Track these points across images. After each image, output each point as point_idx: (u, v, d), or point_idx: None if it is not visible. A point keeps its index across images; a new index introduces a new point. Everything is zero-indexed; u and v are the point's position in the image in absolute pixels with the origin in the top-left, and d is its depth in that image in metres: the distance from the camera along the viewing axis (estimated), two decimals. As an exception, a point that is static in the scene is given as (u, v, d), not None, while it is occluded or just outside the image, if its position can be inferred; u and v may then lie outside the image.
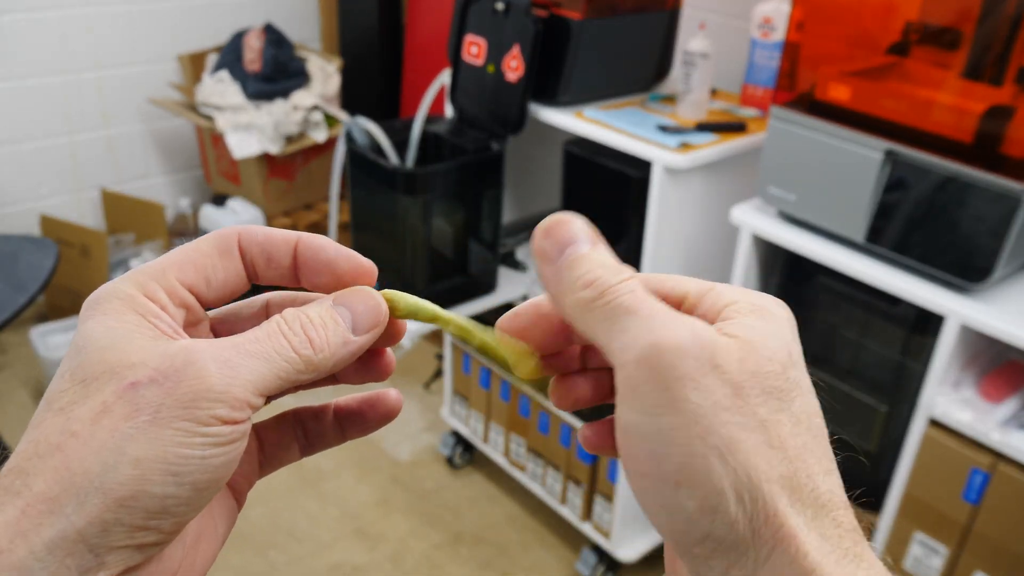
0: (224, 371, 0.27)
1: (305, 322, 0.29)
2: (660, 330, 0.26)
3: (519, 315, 0.32)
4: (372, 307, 0.31)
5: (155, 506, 0.25)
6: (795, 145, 1.36)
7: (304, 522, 2.02)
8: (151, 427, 0.25)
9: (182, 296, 0.30)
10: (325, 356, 0.29)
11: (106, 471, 0.25)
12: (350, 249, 0.32)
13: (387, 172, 1.64)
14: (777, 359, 0.27)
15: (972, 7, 1.17)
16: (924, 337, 1.31)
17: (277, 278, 0.32)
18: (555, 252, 0.29)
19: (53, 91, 2.53)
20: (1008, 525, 1.23)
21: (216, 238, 0.31)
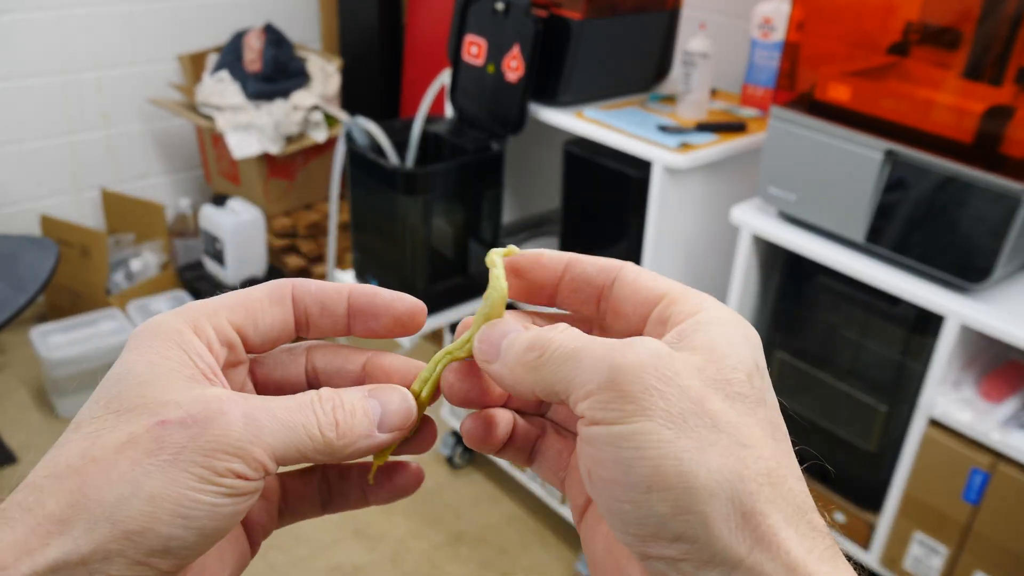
0: (250, 429, 0.27)
1: (337, 405, 0.30)
2: (616, 355, 0.27)
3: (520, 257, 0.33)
4: (403, 408, 0.32)
5: (159, 545, 0.26)
6: (795, 145, 1.36)
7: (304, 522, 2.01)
8: (170, 467, 0.26)
9: (229, 336, 0.31)
10: (346, 443, 0.30)
11: (120, 502, 0.26)
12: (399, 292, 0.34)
13: (387, 172, 1.64)
14: (742, 368, 0.27)
15: (972, 7, 1.17)
16: (924, 337, 1.31)
17: (330, 328, 0.33)
18: (493, 351, 0.31)
19: (53, 91, 2.53)
20: (1008, 525, 1.23)
21: (270, 286, 0.32)
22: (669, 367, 0.26)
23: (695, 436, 0.25)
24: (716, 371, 0.27)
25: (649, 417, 0.25)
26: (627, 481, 0.25)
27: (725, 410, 0.26)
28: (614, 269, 0.32)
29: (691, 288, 0.31)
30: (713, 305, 0.30)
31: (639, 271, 0.32)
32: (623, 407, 0.26)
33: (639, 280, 0.31)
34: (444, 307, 1.72)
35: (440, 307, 1.72)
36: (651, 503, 0.25)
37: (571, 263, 0.33)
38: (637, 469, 0.25)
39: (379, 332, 0.33)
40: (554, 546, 1.99)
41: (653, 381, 0.26)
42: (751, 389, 0.27)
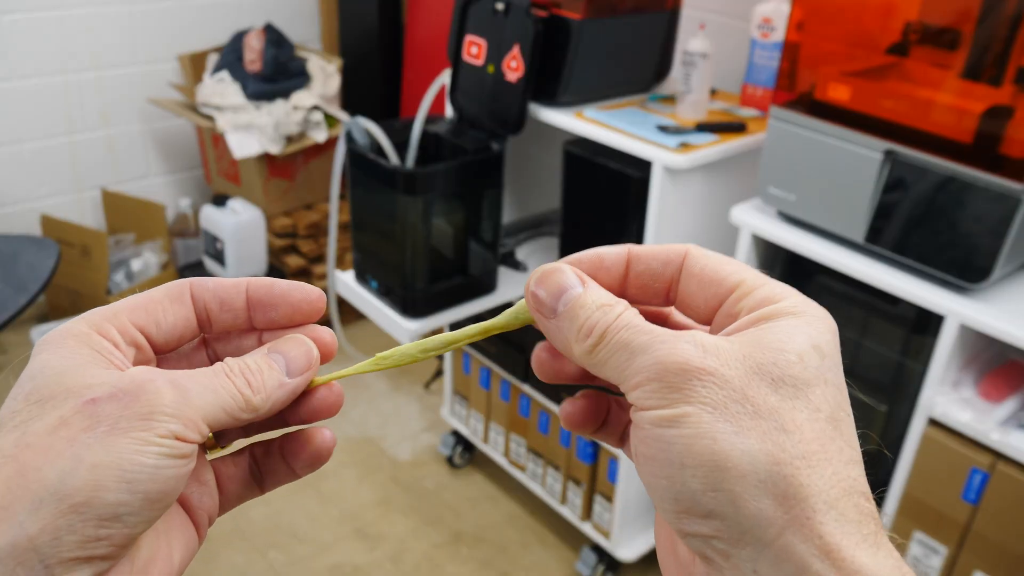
0: (178, 393, 0.28)
1: (243, 367, 0.31)
2: (664, 351, 0.28)
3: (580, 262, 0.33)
4: (304, 352, 0.33)
5: (107, 513, 0.26)
6: (795, 145, 1.36)
7: (304, 522, 2.02)
8: (108, 436, 0.27)
9: (133, 335, 0.32)
10: (262, 397, 0.31)
11: (63, 477, 0.26)
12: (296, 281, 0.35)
13: (387, 172, 1.64)
14: (792, 349, 0.28)
15: (972, 7, 1.17)
16: (924, 337, 1.31)
17: (230, 322, 0.34)
18: (551, 305, 0.31)
19: (53, 91, 2.53)
20: (1008, 525, 1.23)
21: (168, 287, 0.34)
22: (715, 357, 0.27)
23: (734, 421, 0.26)
24: (762, 356, 0.28)
25: (691, 403, 0.27)
26: (665, 458, 0.27)
27: (768, 396, 0.27)
28: (678, 258, 0.32)
29: (763, 276, 0.31)
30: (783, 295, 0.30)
31: (706, 258, 0.32)
32: (669, 395, 0.27)
33: (707, 270, 0.31)
34: (444, 307, 1.72)
35: (440, 307, 1.72)
36: (684, 479, 0.26)
37: (632, 259, 0.33)
38: (674, 446, 0.27)
39: (279, 322, 0.34)
40: (554, 546, 1.99)
41: (697, 373, 0.27)
42: (802, 370, 0.28)
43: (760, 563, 0.26)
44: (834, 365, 0.29)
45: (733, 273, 0.31)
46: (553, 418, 1.88)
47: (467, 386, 2.10)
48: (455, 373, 2.13)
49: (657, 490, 0.27)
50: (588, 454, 1.82)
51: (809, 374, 0.28)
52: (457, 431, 2.20)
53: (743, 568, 0.26)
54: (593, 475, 1.84)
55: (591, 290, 0.31)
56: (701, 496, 0.26)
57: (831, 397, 0.28)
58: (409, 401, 2.44)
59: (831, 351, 0.29)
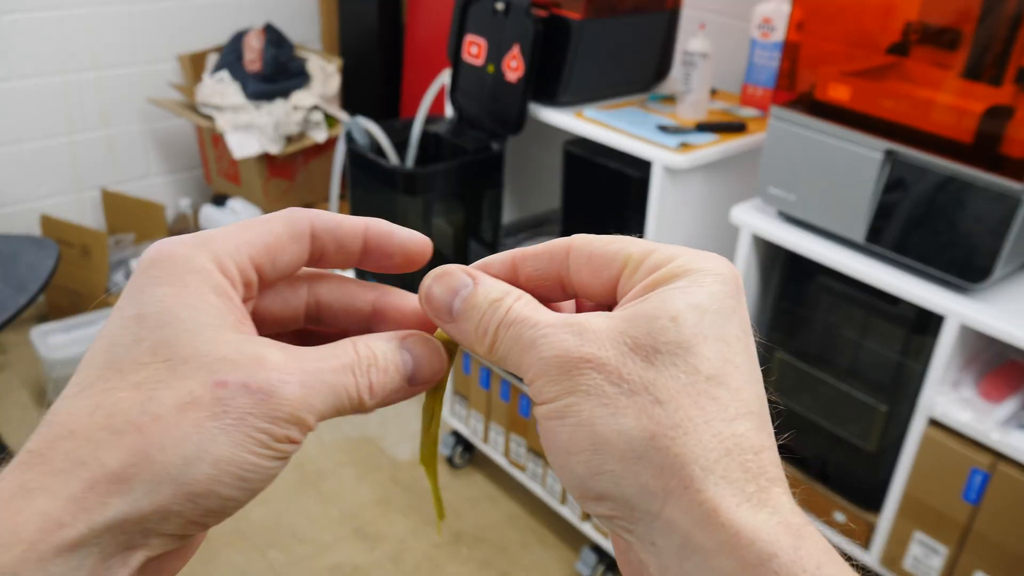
0: (306, 397, 0.28)
1: (372, 363, 0.30)
2: (546, 346, 0.28)
3: (492, 264, 0.34)
4: (435, 362, 0.32)
5: (217, 506, 0.26)
6: (795, 145, 1.36)
7: (304, 522, 2.02)
8: (234, 431, 0.26)
9: (249, 276, 0.30)
10: (376, 402, 0.31)
11: (186, 465, 0.26)
12: (410, 229, 0.34)
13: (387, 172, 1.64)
14: (665, 315, 0.28)
15: (972, 7, 1.17)
16: (924, 337, 1.31)
17: (341, 262, 0.33)
18: (446, 309, 0.31)
19: (53, 91, 2.53)
20: (1008, 525, 1.23)
21: (289, 221, 0.31)
22: (592, 343, 0.28)
23: (611, 403, 0.27)
24: (636, 329, 0.28)
25: (572, 393, 0.27)
26: (554, 448, 0.28)
27: (642, 372, 0.27)
28: (563, 252, 0.32)
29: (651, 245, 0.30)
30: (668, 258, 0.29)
31: (590, 243, 0.31)
32: (556, 387, 0.28)
33: (594, 253, 0.31)
34: (444, 307, 1.72)
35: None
36: (571, 465, 0.28)
37: (518, 262, 0.33)
38: (560, 436, 0.28)
39: (389, 269, 0.34)
40: (554, 546, 1.99)
41: (575, 363, 0.27)
42: (677, 333, 0.27)
43: (655, 535, 0.27)
44: (719, 319, 0.28)
45: (620, 251, 0.30)
46: (553, 418, 1.88)
47: (467, 386, 2.10)
48: (455, 373, 2.13)
49: (560, 479, 0.29)
50: (588, 454, 1.82)
51: (685, 335, 0.27)
52: (457, 431, 2.20)
53: (644, 541, 0.27)
54: (593, 475, 1.84)
55: (482, 285, 0.31)
56: (588, 480, 0.27)
57: (713, 353, 0.27)
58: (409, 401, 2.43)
59: (716, 305, 0.28)
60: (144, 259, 0.29)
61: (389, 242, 0.34)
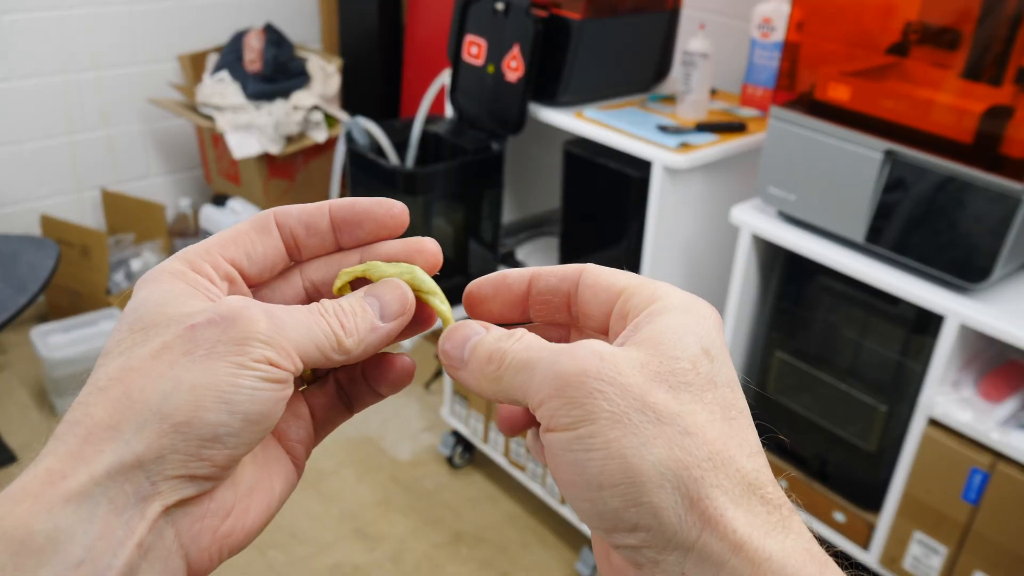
0: (273, 323, 0.29)
1: (338, 309, 0.32)
2: (562, 362, 0.28)
3: (484, 283, 0.35)
4: (399, 296, 0.34)
5: (208, 433, 0.27)
6: (795, 145, 1.36)
7: (305, 522, 2.02)
8: (207, 360, 0.28)
9: (227, 269, 0.33)
10: (355, 340, 0.32)
11: (164, 397, 0.27)
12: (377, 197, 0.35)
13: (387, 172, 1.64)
14: (685, 356, 0.29)
15: (972, 7, 1.17)
16: (924, 337, 1.31)
17: (319, 245, 0.35)
18: (458, 356, 0.32)
19: (53, 91, 2.53)
20: (1008, 525, 1.23)
21: (253, 219, 0.34)
22: (612, 368, 0.28)
23: (638, 432, 0.27)
24: (659, 363, 0.28)
25: (593, 420, 0.27)
26: (582, 481, 0.27)
27: (668, 401, 0.27)
28: (575, 274, 0.33)
29: (648, 280, 0.32)
30: (666, 294, 0.31)
31: (599, 271, 0.33)
32: (571, 413, 0.27)
33: (599, 280, 0.33)
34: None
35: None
36: (604, 499, 0.27)
37: (534, 278, 0.34)
38: (588, 469, 0.27)
39: (366, 239, 0.35)
40: (554, 546, 1.99)
41: (595, 384, 0.27)
42: (696, 376, 0.28)
43: (686, 565, 0.27)
44: (722, 365, 0.30)
45: (621, 279, 0.32)
46: (553, 418, 1.88)
47: (467, 386, 2.10)
48: (455, 373, 2.13)
49: (582, 512, 0.28)
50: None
51: (702, 380, 0.28)
52: (457, 431, 2.20)
53: (672, 571, 0.27)
54: (593, 475, 1.84)
55: (493, 330, 0.32)
56: (624, 513, 0.27)
57: (721, 399, 0.29)
58: (409, 401, 2.44)
59: (718, 351, 0.30)
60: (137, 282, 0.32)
61: (352, 212, 0.35)
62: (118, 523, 0.26)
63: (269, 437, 0.34)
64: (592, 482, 0.27)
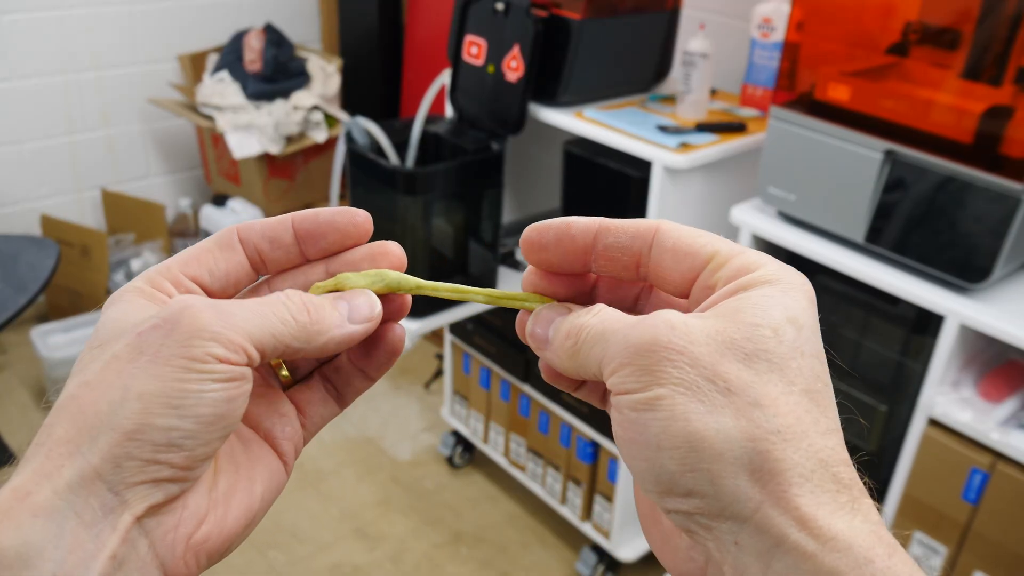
0: (220, 317, 0.29)
1: (306, 299, 0.32)
2: (635, 334, 0.28)
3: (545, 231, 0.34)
4: (368, 302, 0.33)
5: (161, 438, 0.27)
6: (795, 145, 1.36)
7: (305, 522, 2.02)
8: (152, 365, 0.28)
9: (187, 286, 0.33)
10: (319, 329, 0.31)
11: (113, 408, 0.27)
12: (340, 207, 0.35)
13: (387, 172, 1.64)
14: (767, 324, 0.28)
15: (972, 7, 1.17)
16: (924, 337, 1.31)
17: (283, 258, 0.35)
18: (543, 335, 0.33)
19: (53, 91, 2.53)
20: (1008, 525, 1.23)
21: (217, 235, 0.34)
22: (684, 336, 0.27)
23: (707, 400, 0.27)
24: (736, 330, 0.28)
25: (663, 384, 0.27)
26: (642, 440, 0.27)
27: (740, 372, 0.27)
28: (649, 233, 0.32)
29: (738, 247, 0.31)
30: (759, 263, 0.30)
31: (679, 232, 0.31)
32: (642, 378, 0.27)
33: (680, 243, 0.31)
34: (444, 307, 1.72)
35: (440, 307, 1.72)
36: (661, 460, 0.27)
37: (601, 231, 0.33)
38: (650, 428, 0.27)
39: (331, 249, 0.35)
40: (554, 546, 1.99)
41: (665, 353, 0.27)
42: (777, 344, 0.28)
43: (741, 535, 0.27)
44: (811, 335, 0.29)
45: (707, 244, 0.31)
46: (553, 418, 1.88)
47: (467, 386, 2.10)
48: (455, 373, 2.13)
49: (638, 471, 0.28)
50: (588, 454, 1.82)
51: (784, 348, 0.28)
52: (457, 431, 2.20)
53: (724, 540, 0.27)
54: (593, 475, 1.84)
55: (575, 310, 0.32)
56: (680, 477, 0.27)
57: (807, 369, 0.28)
58: (409, 401, 2.44)
59: (808, 321, 0.29)
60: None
61: (315, 224, 0.34)
62: (88, 536, 0.26)
63: (252, 437, 0.34)
64: (651, 442, 0.27)
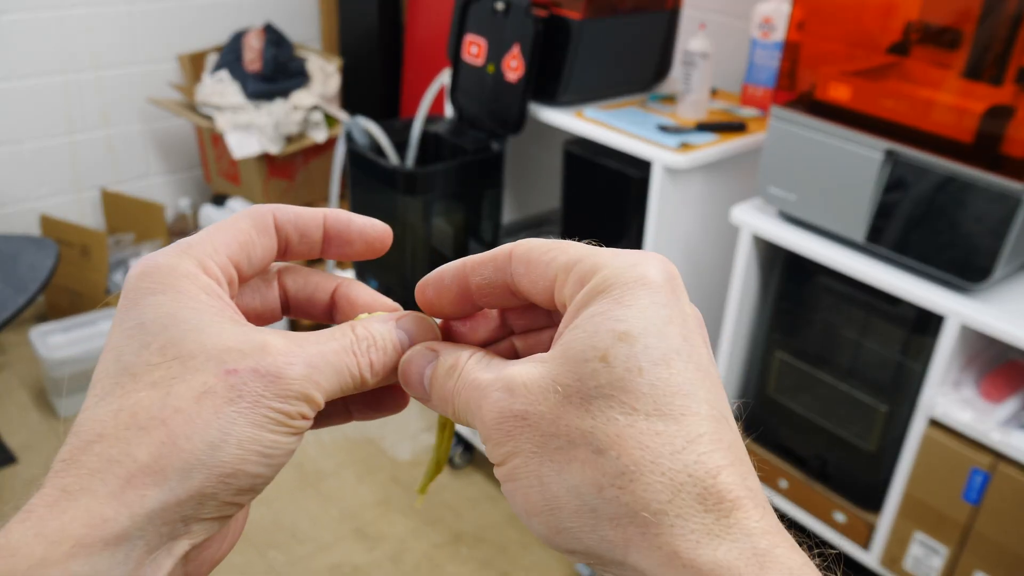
0: (312, 376, 0.29)
1: (371, 343, 0.32)
2: (485, 409, 0.29)
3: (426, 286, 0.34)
4: (429, 337, 0.34)
5: (247, 484, 0.28)
6: (795, 145, 1.36)
7: (304, 522, 2.02)
8: (251, 413, 0.28)
9: (230, 273, 0.32)
10: (378, 380, 0.32)
11: (213, 449, 0.27)
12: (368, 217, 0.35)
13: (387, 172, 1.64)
14: (594, 355, 0.26)
15: (972, 7, 1.17)
16: (924, 337, 1.30)
17: (305, 252, 0.35)
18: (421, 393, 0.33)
19: (53, 91, 2.53)
20: (1008, 525, 1.23)
21: (254, 216, 0.33)
22: (523, 400, 0.27)
23: (555, 459, 0.27)
24: (567, 376, 0.27)
25: (517, 454, 0.28)
26: (516, 510, 0.28)
27: (580, 421, 0.26)
28: (504, 258, 0.31)
29: (580, 254, 0.29)
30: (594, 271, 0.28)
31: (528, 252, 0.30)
32: (500, 451, 0.28)
33: (531, 262, 0.30)
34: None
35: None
36: (534, 527, 0.28)
37: (469, 271, 0.32)
38: (516, 499, 0.28)
39: (350, 255, 0.35)
40: (554, 546, 1.99)
41: (512, 424, 0.28)
42: (609, 373, 0.26)
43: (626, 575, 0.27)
44: (654, 340, 0.26)
45: (552, 260, 0.30)
46: (553, 418, 1.88)
47: (467, 386, 2.10)
48: (455, 373, 2.13)
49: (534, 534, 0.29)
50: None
51: (618, 373, 0.26)
52: (457, 431, 2.20)
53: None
54: (593, 475, 1.84)
55: (442, 358, 0.32)
56: (553, 538, 0.27)
57: (649, 386, 0.26)
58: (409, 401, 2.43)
59: (646, 324, 0.26)
60: (133, 274, 0.30)
61: (348, 229, 0.34)
62: (147, 561, 0.27)
63: None
64: (521, 510, 0.28)
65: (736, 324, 1.56)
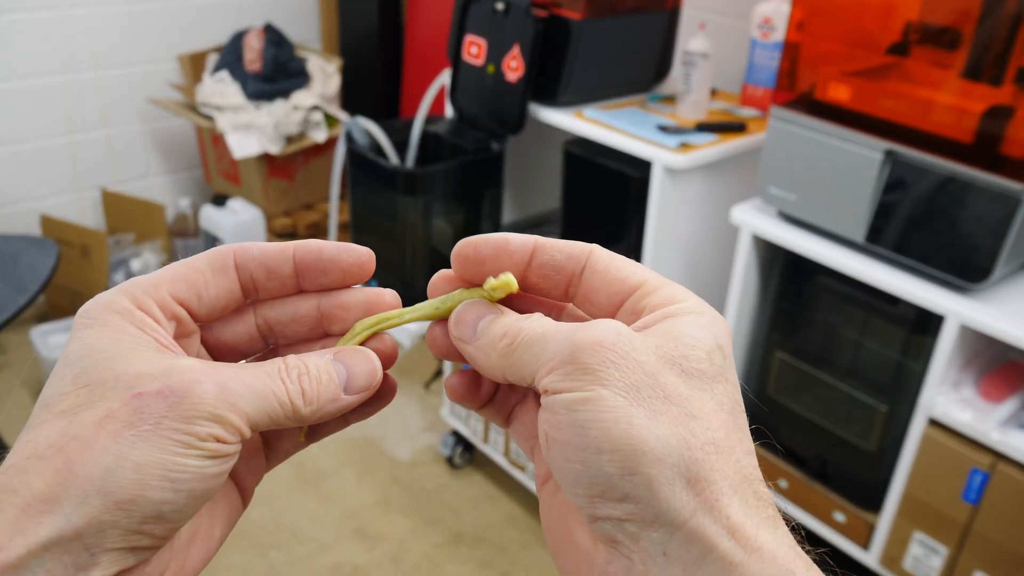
0: (224, 396, 0.28)
1: (303, 372, 0.31)
2: (578, 334, 0.28)
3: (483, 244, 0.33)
4: (369, 370, 0.32)
5: (152, 511, 0.27)
6: (795, 145, 1.36)
7: (305, 522, 2.02)
8: (152, 436, 0.27)
9: (174, 309, 0.31)
10: (312, 409, 0.31)
11: (108, 474, 0.26)
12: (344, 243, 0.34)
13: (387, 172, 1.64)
14: (701, 346, 0.29)
15: (972, 7, 1.17)
16: (924, 337, 1.31)
17: (278, 289, 0.34)
18: (469, 332, 0.32)
19: (53, 91, 2.53)
20: (1008, 525, 1.23)
21: (211, 255, 0.32)
22: (627, 343, 0.28)
23: (647, 405, 0.27)
24: (673, 348, 0.28)
25: (604, 385, 0.27)
26: (580, 442, 0.27)
27: (678, 384, 0.28)
28: (583, 256, 0.32)
29: (665, 280, 0.32)
30: (685, 296, 0.31)
31: (611, 258, 0.32)
32: (581, 377, 0.27)
33: (611, 268, 0.32)
34: (444, 307, 1.72)
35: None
36: (601, 463, 0.27)
37: (538, 248, 0.33)
38: (590, 431, 0.27)
39: (330, 286, 0.34)
40: (554, 546, 1.99)
41: (610, 355, 0.27)
42: (709, 365, 0.29)
43: (671, 544, 0.27)
44: (732, 366, 0.30)
45: (636, 272, 0.32)
46: (553, 418, 1.88)
47: (467, 386, 2.10)
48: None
49: (570, 475, 0.28)
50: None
51: (714, 370, 0.29)
52: (457, 431, 2.20)
53: (652, 550, 0.27)
54: (593, 475, 1.84)
55: (508, 312, 0.32)
56: (618, 480, 0.26)
57: (730, 394, 0.29)
58: (409, 401, 2.43)
59: (730, 353, 0.30)
60: (78, 312, 0.30)
61: (319, 259, 0.33)
62: None
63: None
64: (591, 444, 0.27)
65: (736, 324, 1.56)
